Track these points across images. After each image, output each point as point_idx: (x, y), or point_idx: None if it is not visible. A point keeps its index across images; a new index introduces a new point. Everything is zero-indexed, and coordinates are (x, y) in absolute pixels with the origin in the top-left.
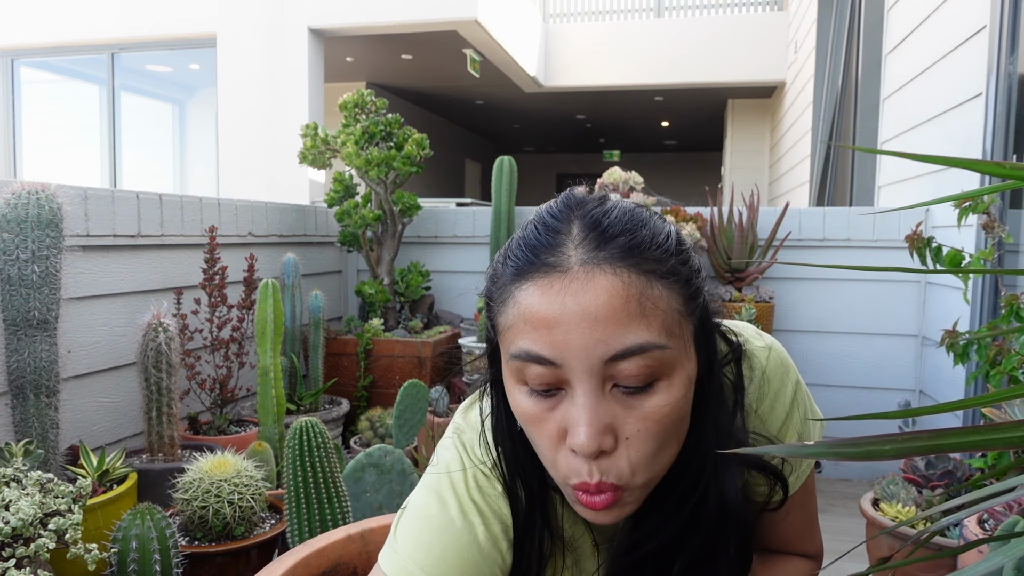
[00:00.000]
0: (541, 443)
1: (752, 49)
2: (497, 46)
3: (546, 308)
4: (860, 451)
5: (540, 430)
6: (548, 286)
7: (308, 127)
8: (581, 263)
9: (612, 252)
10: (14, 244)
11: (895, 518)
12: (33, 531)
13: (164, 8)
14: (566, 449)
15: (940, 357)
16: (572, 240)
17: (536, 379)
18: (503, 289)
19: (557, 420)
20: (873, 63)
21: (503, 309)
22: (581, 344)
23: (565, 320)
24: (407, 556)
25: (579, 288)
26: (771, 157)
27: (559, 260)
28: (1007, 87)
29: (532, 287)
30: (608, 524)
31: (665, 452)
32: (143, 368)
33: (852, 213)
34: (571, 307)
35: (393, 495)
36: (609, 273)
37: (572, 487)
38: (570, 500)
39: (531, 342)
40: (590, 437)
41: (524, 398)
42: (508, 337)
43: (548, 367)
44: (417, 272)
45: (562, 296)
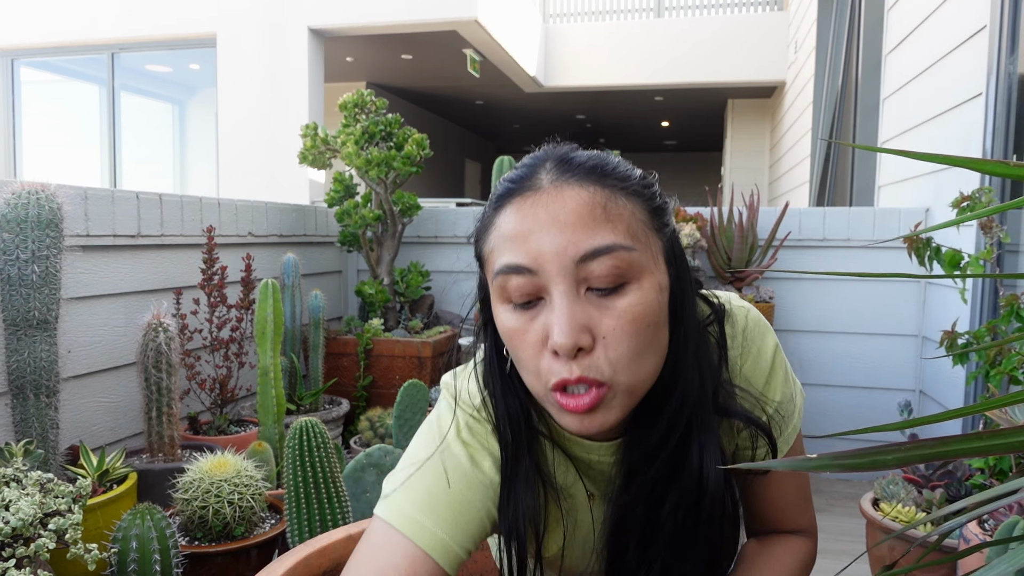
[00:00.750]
0: (525, 355)
1: (752, 49)
2: (497, 46)
3: (521, 222)
4: (864, 461)
5: (523, 341)
6: (523, 204)
7: (308, 127)
8: (551, 182)
9: (579, 172)
10: (14, 244)
11: (895, 518)
12: (33, 531)
13: (164, 8)
14: (548, 354)
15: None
16: (544, 169)
17: (517, 291)
18: (487, 224)
19: (538, 329)
20: (873, 63)
21: (486, 239)
22: (553, 248)
23: (538, 228)
24: (397, 497)
25: (549, 200)
26: (771, 157)
27: (532, 184)
28: (1007, 87)
29: (510, 209)
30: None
31: (644, 358)
32: (143, 368)
33: (852, 213)
34: (543, 217)
35: None
36: (576, 186)
37: (554, 390)
38: (555, 414)
39: (511, 255)
40: (567, 334)
41: (508, 315)
42: (491, 260)
43: (527, 275)
44: (417, 272)
45: (535, 209)
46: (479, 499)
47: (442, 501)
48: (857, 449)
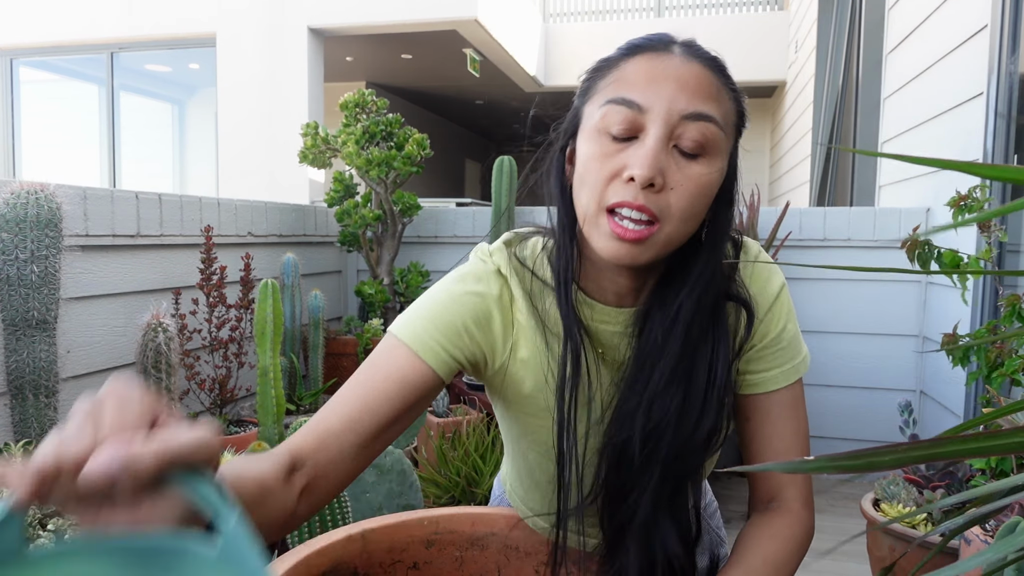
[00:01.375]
0: (595, 177)
1: (752, 49)
2: (497, 46)
3: (650, 70)
4: (860, 463)
5: (600, 164)
6: (655, 57)
7: (308, 127)
8: (682, 53)
9: (705, 58)
10: (13, 244)
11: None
12: (32, 532)
13: (163, 8)
14: (620, 181)
15: (940, 358)
16: (675, 43)
17: (619, 121)
18: (609, 66)
19: (620, 160)
20: (874, 63)
21: (604, 77)
22: (669, 96)
23: (663, 79)
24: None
25: (680, 63)
26: (771, 157)
27: (666, 48)
28: (1008, 87)
29: (641, 58)
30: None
31: (689, 221)
32: (142, 368)
33: (853, 213)
34: (671, 72)
35: (392, 495)
36: (701, 65)
37: (609, 210)
38: (597, 237)
39: (629, 91)
40: (650, 166)
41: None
42: (606, 92)
43: (635, 111)
44: (417, 272)
45: (665, 64)
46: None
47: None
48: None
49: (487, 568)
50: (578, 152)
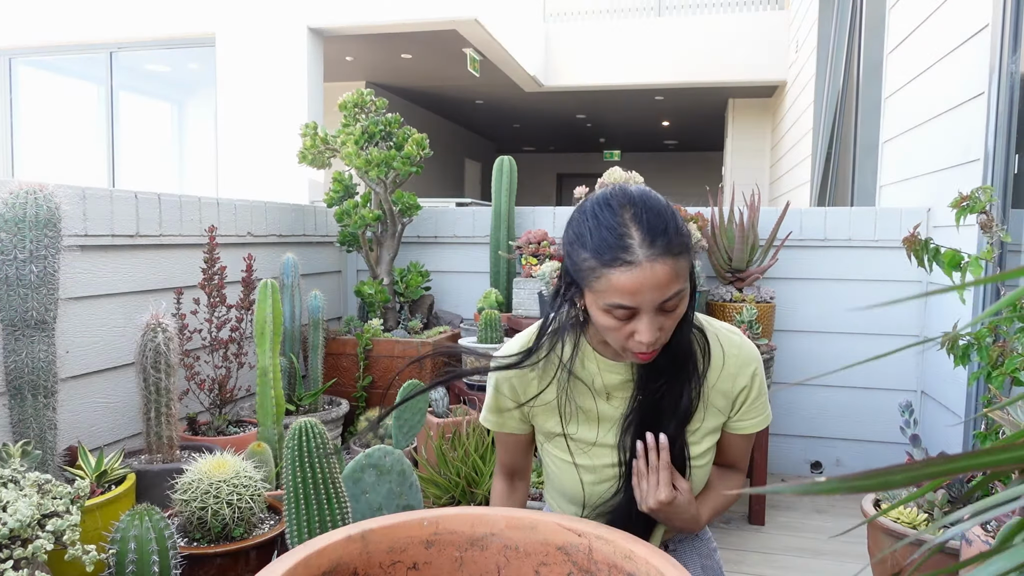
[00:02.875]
0: (613, 337)
1: (753, 48)
2: (497, 45)
3: (630, 283)
4: (873, 483)
5: (618, 332)
6: (630, 272)
7: (307, 127)
8: (646, 258)
9: (661, 250)
10: (12, 244)
11: (897, 519)
12: (31, 532)
13: (163, 7)
14: (633, 340)
15: (941, 358)
16: (636, 243)
17: (620, 315)
18: (593, 269)
19: (629, 328)
20: (874, 62)
21: (595, 279)
22: (651, 299)
23: (642, 289)
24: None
25: (648, 273)
26: (772, 157)
27: (633, 258)
28: (1009, 86)
29: (619, 273)
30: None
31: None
32: (142, 368)
33: (853, 213)
34: (648, 283)
35: (392, 496)
36: (661, 262)
37: (634, 353)
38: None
39: (621, 299)
40: (651, 336)
41: (608, 320)
42: (602, 294)
43: (631, 310)
44: (417, 272)
45: (640, 278)
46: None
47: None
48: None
49: (487, 568)
50: (592, 313)
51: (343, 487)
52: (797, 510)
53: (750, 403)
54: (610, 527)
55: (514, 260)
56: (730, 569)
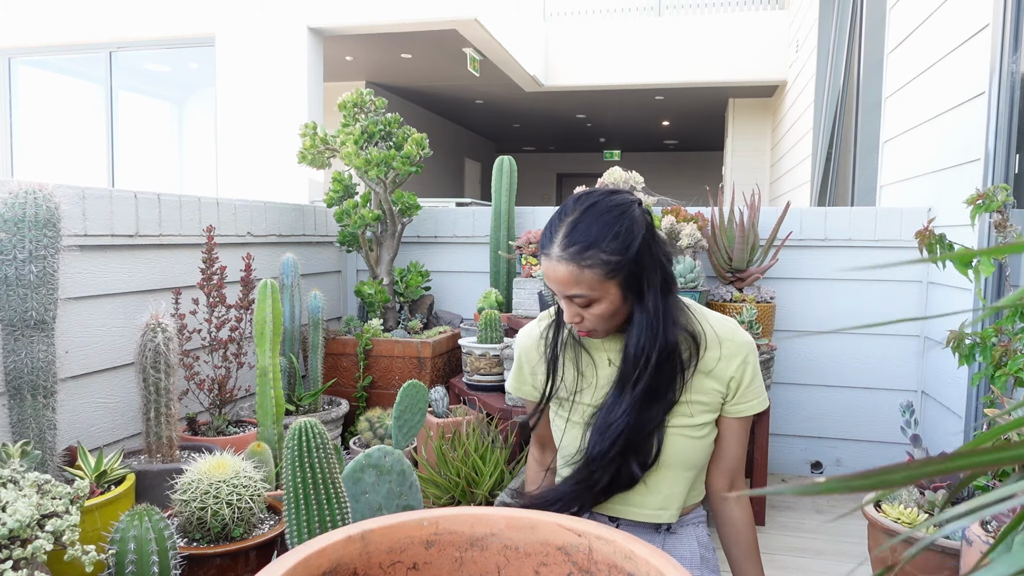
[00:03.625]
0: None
1: (753, 48)
2: (497, 45)
3: (546, 269)
4: (872, 482)
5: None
6: (545, 260)
7: (307, 127)
8: (556, 257)
9: (568, 255)
10: (11, 244)
11: (897, 519)
12: (30, 533)
13: (163, 7)
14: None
15: (942, 357)
16: (557, 242)
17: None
18: (542, 251)
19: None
20: (875, 62)
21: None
22: (558, 288)
23: (550, 277)
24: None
25: (554, 267)
26: (772, 156)
27: (549, 252)
28: (1010, 86)
29: (544, 261)
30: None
31: (604, 323)
32: (141, 368)
33: (854, 213)
34: (551, 274)
35: (392, 496)
36: (563, 265)
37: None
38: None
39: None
40: (569, 317)
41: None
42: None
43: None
44: (417, 272)
45: (547, 267)
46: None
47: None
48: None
49: (487, 568)
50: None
51: (343, 487)
52: (797, 510)
53: (745, 386)
54: (610, 527)
55: (514, 260)
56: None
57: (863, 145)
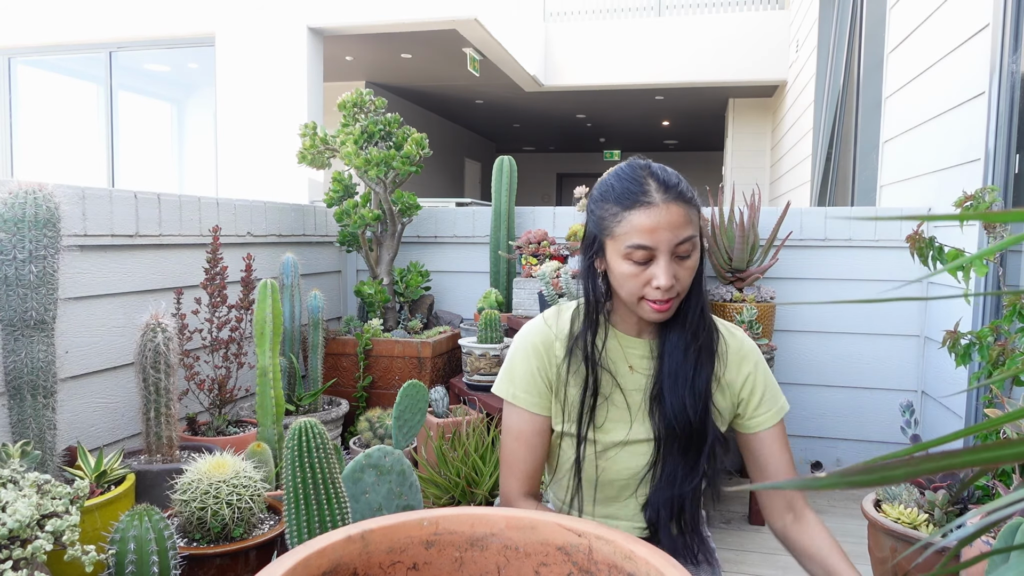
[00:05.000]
0: (630, 284)
1: (753, 48)
2: (497, 45)
3: (648, 221)
4: (873, 478)
5: (633, 279)
6: (648, 211)
7: (307, 127)
8: (662, 200)
9: (674, 195)
10: (11, 244)
11: (897, 519)
12: (30, 533)
13: (163, 7)
14: (650, 287)
15: (942, 357)
16: (653, 189)
17: (640, 256)
18: (615, 214)
19: (647, 275)
20: (875, 62)
21: (617, 223)
22: (666, 238)
23: (658, 227)
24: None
25: (664, 212)
26: (772, 156)
27: (651, 199)
28: (1010, 86)
29: (639, 212)
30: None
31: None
32: (141, 368)
33: (854, 213)
34: (662, 221)
35: (392, 496)
36: (676, 205)
37: (648, 303)
38: (644, 309)
39: (641, 239)
40: (667, 279)
41: (627, 266)
42: (623, 237)
43: (648, 251)
44: (417, 272)
45: (656, 216)
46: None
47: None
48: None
49: (487, 568)
50: (611, 265)
51: (343, 487)
52: None
53: (760, 396)
54: (610, 527)
55: (514, 260)
56: (730, 569)
57: (863, 145)
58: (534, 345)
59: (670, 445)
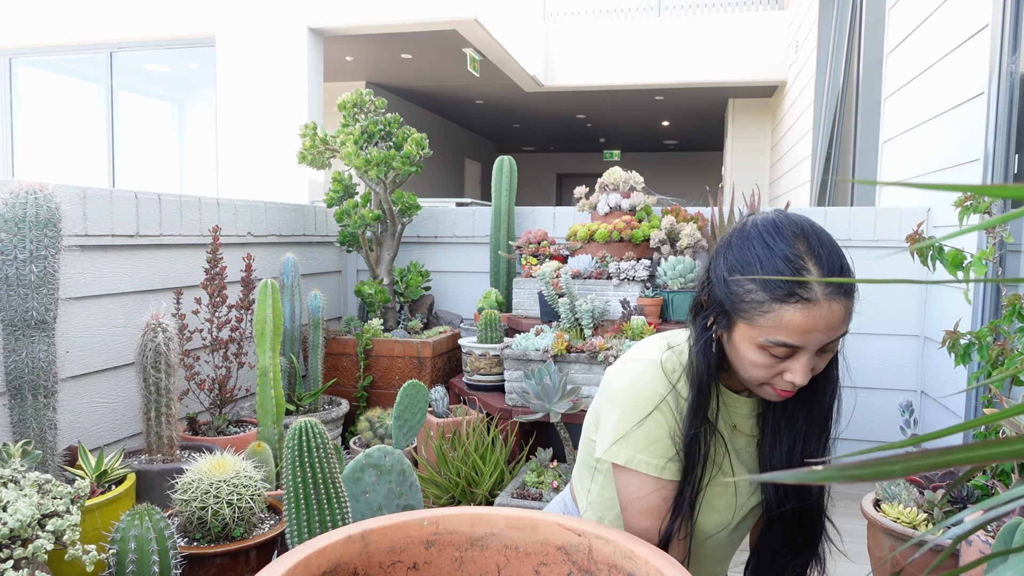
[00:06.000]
0: (758, 374)
1: (753, 48)
2: (497, 45)
3: (803, 322)
4: (870, 472)
5: (762, 368)
6: (806, 310)
7: (307, 127)
8: (824, 296)
9: (839, 289)
10: (12, 244)
11: (897, 519)
12: (31, 532)
13: (163, 7)
14: (782, 379)
15: (942, 357)
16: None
17: (782, 354)
18: (760, 303)
19: (782, 367)
20: (874, 62)
21: (761, 314)
22: (820, 339)
23: (815, 328)
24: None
25: (827, 312)
26: (772, 157)
27: (811, 296)
28: (1009, 86)
29: (794, 310)
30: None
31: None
32: (142, 368)
33: (853, 213)
34: (821, 322)
35: (392, 495)
36: (838, 302)
37: (774, 389)
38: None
39: (788, 337)
40: (805, 378)
41: (761, 357)
42: (766, 330)
43: (792, 349)
44: (417, 272)
45: (816, 316)
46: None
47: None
48: (862, 460)
49: (487, 568)
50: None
51: (343, 487)
52: None
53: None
54: (609, 527)
55: (514, 260)
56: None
57: (863, 145)
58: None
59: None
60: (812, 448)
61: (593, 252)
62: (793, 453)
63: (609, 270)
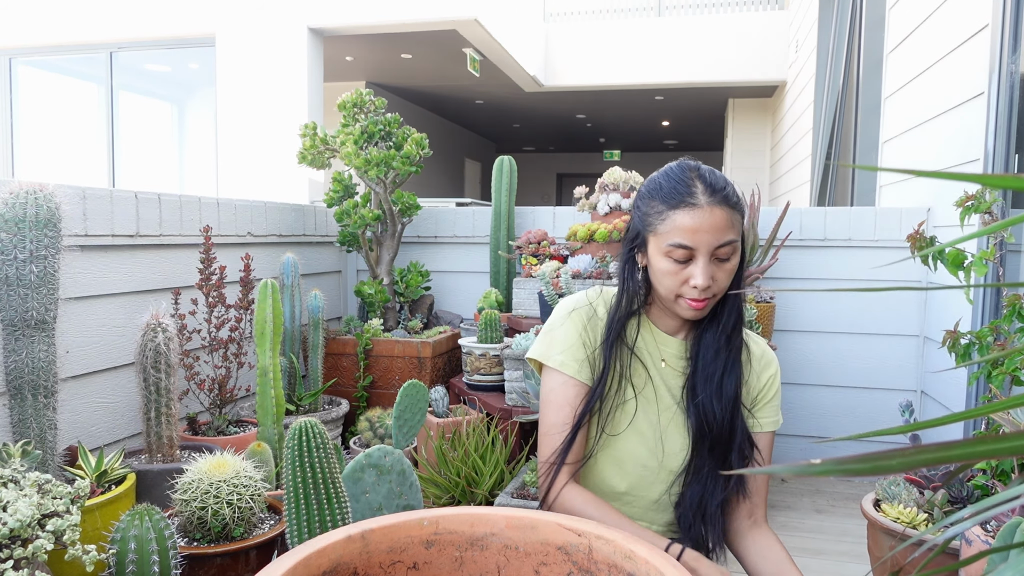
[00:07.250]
0: (669, 282)
1: (753, 48)
2: (497, 45)
3: (691, 222)
4: (867, 466)
5: (672, 277)
6: (692, 212)
7: (307, 127)
8: (707, 203)
9: (720, 199)
10: (12, 244)
11: (896, 519)
12: (31, 532)
13: (163, 7)
14: (688, 285)
15: (941, 357)
16: (699, 191)
17: (680, 255)
18: (660, 212)
19: (685, 273)
20: (874, 62)
21: (661, 221)
22: (707, 240)
23: (702, 229)
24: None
25: (708, 214)
26: (772, 156)
27: (695, 200)
28: (1009, 86)
29: (683, 213)
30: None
31: (723, 291)
32: (142, 368)
33: (853, 212)
34: (705, 223)
35: (392, 495)
36: (720, 208)
37: (686, 300)
38: (681, 307)
39: (683, 238)
40: (704, 279)
41: (666, 263)
42: (665, 235)
43: (688, 250)
44: (417, 272)
45: (700, 218)
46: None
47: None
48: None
49: (487, 568)
50: (652, 261)
51: (343, 487)
52: (797, 510)
53: (766, 402)
54: (609, 527)
55: (514, 260)
56: (729, 569)
57: (863, 145)
58: (577, 313)
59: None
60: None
61: (593, 252)
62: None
63: (609, 270)
